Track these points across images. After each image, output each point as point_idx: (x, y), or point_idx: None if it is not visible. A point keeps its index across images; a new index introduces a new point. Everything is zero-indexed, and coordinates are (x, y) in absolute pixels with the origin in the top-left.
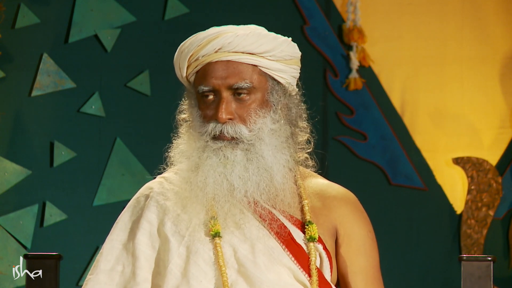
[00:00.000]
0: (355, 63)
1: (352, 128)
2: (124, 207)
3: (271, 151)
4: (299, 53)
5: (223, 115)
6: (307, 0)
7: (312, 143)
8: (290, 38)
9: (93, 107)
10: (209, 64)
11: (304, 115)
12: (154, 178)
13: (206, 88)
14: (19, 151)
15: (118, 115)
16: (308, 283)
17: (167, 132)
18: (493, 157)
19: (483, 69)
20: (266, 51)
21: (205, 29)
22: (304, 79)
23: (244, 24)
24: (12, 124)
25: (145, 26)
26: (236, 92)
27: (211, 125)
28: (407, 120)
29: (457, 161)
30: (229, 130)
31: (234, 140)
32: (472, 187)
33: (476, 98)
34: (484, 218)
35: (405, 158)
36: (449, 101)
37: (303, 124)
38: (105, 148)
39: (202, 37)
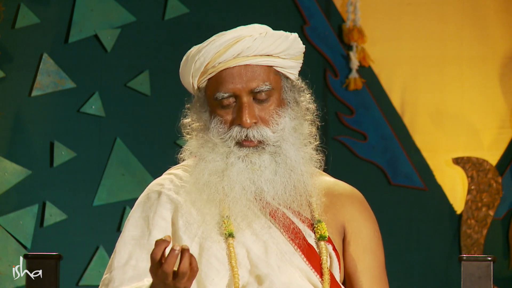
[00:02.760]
0: (355, 63)
1: (352, 128)
2: (124, 207)
3: (295, 151)
4: (304, 47)
5: (247, 119)
6: (307, 0)
7: (317, 137)
8: (297, 34)
9: (93, 107)
10: (226, 70)
11: (312, 107)
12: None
13: (226, 95)
14: (19, 151)
15: (118, 115)
16: (319, 284)
17: (167, 132)
18: (493, 157)
19: (483, 69)
20: (282, 50)
21: (205, 29)
22: (304, 79)
23: (244, 25)
24: (12, 124)
25: (145, 26)
26: (256, 95)
27: (236, 130)
28: (407, 120)
29: (457, 161)
30: (255, 134)
31: (260, 145)
32: (472, 187)
33: (476, 98)
34: (484, 218)
35: (405, 158)
36: (449, 101)
37: (311, 116)
38: (105, 148)
39: (220, 44)
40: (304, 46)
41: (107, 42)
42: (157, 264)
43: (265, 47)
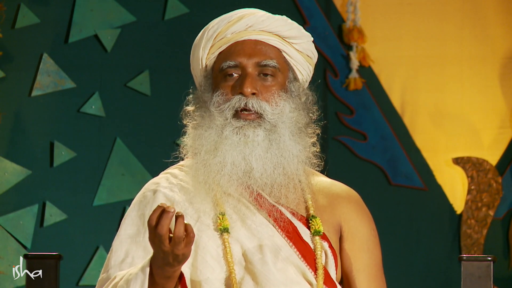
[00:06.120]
0: (355, 63)
1: (352, 128)
2: (124, 207)
3: (291, 137)
4: (317, 55)
5: (248, 88)
6: (307, 0)
7: (317, 145)
8: (312, 38)
9: (93, 107)
10: (236, 43)
11: (314, 118)
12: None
13: (232, 63)
14: (19, 151)
15: (118, 115)
16: (314, 280)
17: (167, 132)
18: (493, 157)
19: (483, 69)
20: (293, 36)
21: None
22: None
23: None
24: (12, 124)
25: (145, 26)
26: (261, 70)
27: (235, 99)
28: (407, 120)
29: (457, 161)
30: (254, 104)
31: (256, 120)
32: (472, 187)
33: (476, 98)
34: (484, 218)
35: (405, 158)
36: (449, 101)
37: (312, 126)
38: (105, 148)
39: (233, 14)
40: (316, 54)
41: (107, 42)
42: (154, 230)
43: (277, 26)
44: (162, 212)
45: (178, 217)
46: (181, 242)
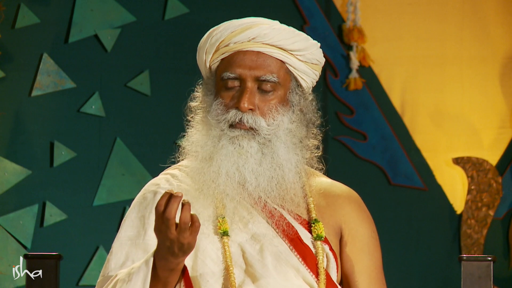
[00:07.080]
0: (355, 63)
1: (352, 128)
2: (124, 207)
3: (286, 150)
4: (324, 60)
5: (245, 104)
6: (307, 0)
7: (320, 148)
8: (319, 44)
9: (93, 107)
10: (239, 52)
11: (317, 122)
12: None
13: (232, 75)
14: (19, 151)
15: (118, 115)
16: (315, 284)
17: (167, 132)
18: (493, 157)
19: (483, 69)
20: (298, 49)
21: (205, 29)
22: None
23: None
24: (12, 124)
25: (145, 26)
26: (261, 84)
27: (232, 113)
28: (407, 120)
29: (457, 161)
30: (249, 119)
31: (251, 131)
32: (472, 187)
33: (476, 98)
34: (484, 218)
35: (405, 158)
36: (449, 101)
37: (315, 130)
38: (105, 148)
39: (238, 24)
40: (324, 59)
41: (107, 42)
42: (161, 216)
43: (281, 39)
44: (169, 197)
45: (184, 204)
46: (187, 229)
